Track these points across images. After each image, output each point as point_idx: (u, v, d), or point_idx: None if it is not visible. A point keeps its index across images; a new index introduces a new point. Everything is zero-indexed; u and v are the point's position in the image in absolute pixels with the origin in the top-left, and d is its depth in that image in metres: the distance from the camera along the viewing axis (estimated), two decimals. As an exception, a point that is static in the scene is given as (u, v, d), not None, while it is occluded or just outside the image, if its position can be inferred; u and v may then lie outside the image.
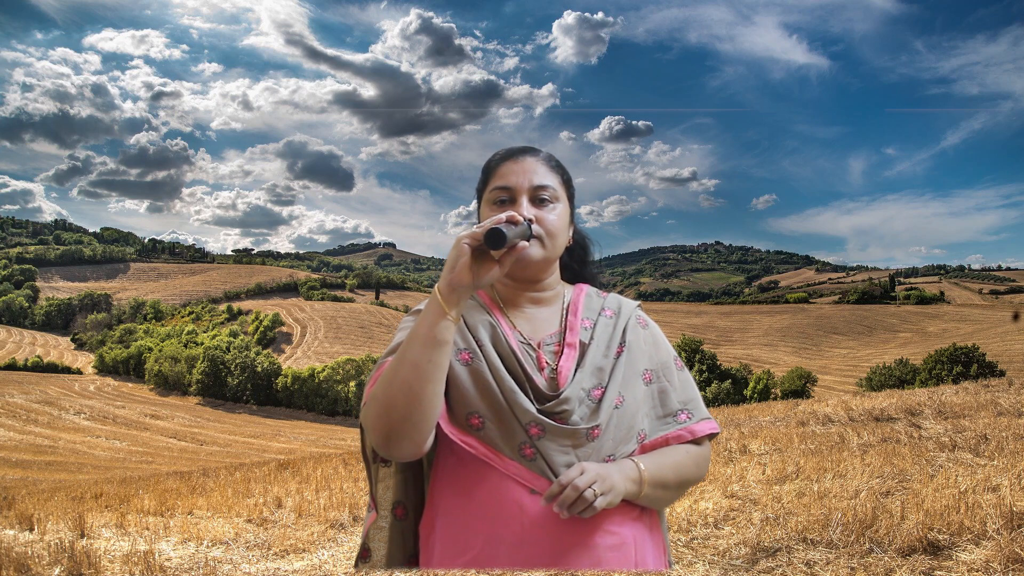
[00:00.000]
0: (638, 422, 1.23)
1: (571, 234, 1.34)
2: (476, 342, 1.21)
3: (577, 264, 1.41)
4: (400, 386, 1.08)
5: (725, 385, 49.48)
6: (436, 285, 1.11)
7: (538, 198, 1.25)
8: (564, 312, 1.30)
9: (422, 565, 1.23)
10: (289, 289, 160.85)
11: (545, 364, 1.22)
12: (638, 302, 1.36)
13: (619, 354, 1.25)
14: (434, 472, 1.24)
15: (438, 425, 1.15)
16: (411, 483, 1.29)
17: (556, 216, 1.25)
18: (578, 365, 1.22)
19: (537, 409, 1.16)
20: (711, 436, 1.31)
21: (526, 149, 1.31)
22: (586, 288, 1.36)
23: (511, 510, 1.14)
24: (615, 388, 1.21)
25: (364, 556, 1.27)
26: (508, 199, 1.25)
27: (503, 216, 1.11)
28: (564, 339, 1.26)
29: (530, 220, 1.20)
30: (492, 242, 1.07)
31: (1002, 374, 30.88)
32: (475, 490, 1.17)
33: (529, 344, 1.24)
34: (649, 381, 1.28)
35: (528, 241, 1.17)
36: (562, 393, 1.17)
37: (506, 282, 1.30)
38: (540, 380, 1.19)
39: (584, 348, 1.24)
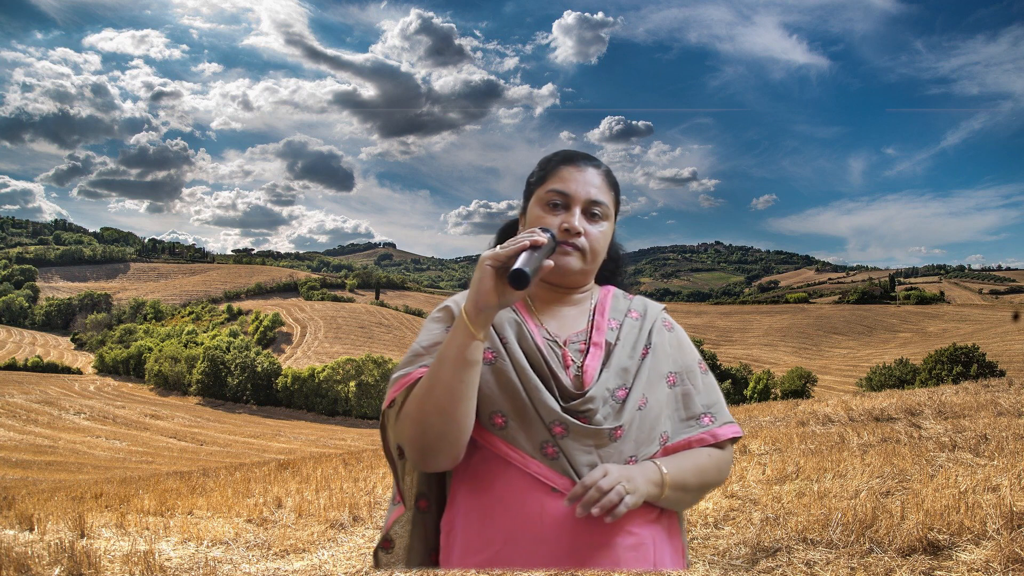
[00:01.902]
0: (661, 424, 1.23)
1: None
2: (501, 340, 1.22)
3: (607, 273, 1.42)
4: (434, 407, 1.11)
5: (725, 385, 49.51)
6: (463, 306, 1.13)
7: (591, 212, 1.26)
8: (591, 312, 1.30)
9: (442, 561, 1.24)
10: (289, 289, 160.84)
11: (571, 362, 1.22)
12: (663, 305, 1.36)
13: (644, 355, 1.25)
14: (456, 469, 1.24)
15: None
16: (433, 476, 1.30)
17: (602, 233, 1.27)
18: (604, 365, 1.22)
19: (561, 407, 1.17)
20: (734, 440, 1.31)
21: (589, 158, 1.31)
22: (613, 289, 1.37)
23: (532, 509, 1.14)
24: (639, 389, 1.21)
25: (386, 547, 1.29)
26: (563, 204, 1.26)
27: (526, 242, 1.11)
28: (590, 338, 1.26)
29: (554, 233, 1.20)
30: (516, 283, 1.07)
31: (1002, 374, 30.87)
32: (497, 488, 1.17)
33: (555, 341, 1.25)
34: (673, 384, 1.28)
35: (552, 256, 1.17)
36: (587, 392, 1.18)
37: (540, 283, 1.30)
38: (565, 378, 1.20)
39: (610, 348, 1.24)
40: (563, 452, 1.15)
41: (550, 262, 1.13)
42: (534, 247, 1.11)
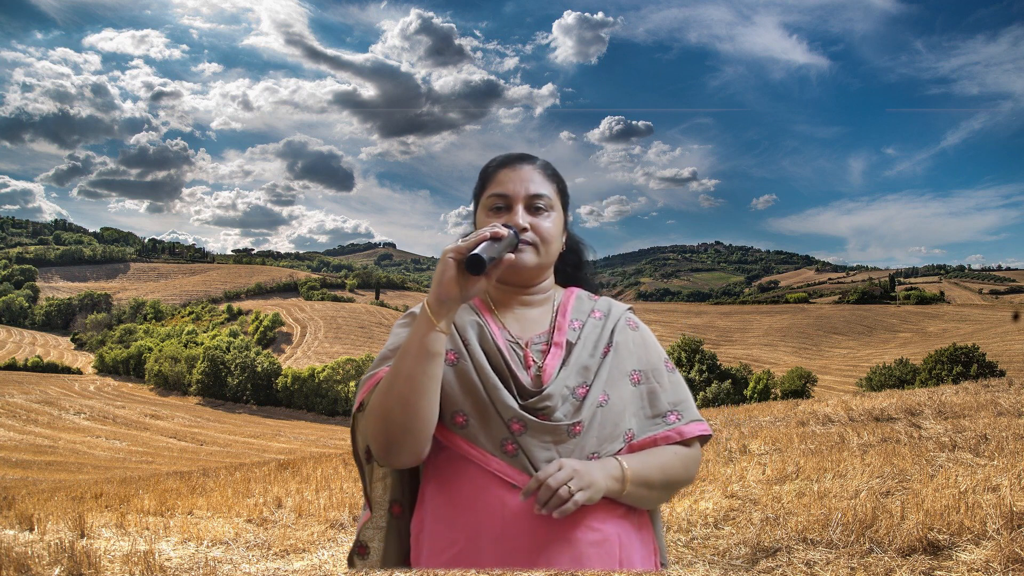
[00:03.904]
0: (625, 421, 1.24)
1: (564, 240, 1.37)
2: (463, 342, 1.23)
3: (571, 268, 1.44)
4: (396, 399, 1.12)
5: (725, 385, 49.41)
6: (425, 299, 1.14)
7: (533, 206, 1.28)
8: (554, 313, 1.32)
9: (412, 561, 1.26)
10: (289, 289, 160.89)
11: (532, 363, 1.24)
12: (629, 305, 1.38)
13: (606, 354, 1.27)
14: (425, 470, 1.26)
15: None
16: (407, 481, 1.31)
17: (550, 224, 1.29)
18: (563, 363, 1.24)
19: (519, 405, 1.18)
20: (702, 438, 1.32)
21: (523, 157, 1.34)
22: (577, 291, 1.39)
23: (493, 506, 1.16)
24: (599, 386, 1.23)
25: (361, 553, 1.30)
26: (504, 206, 1.28)
27: (487, 232, 1.14)
28: (552, 339, 1.28)
29: (516, 230, 1.23)
30: (472, 268, 1.10)
31: (1002, 374, 30.88)
32: (460, 487, 1.19)
33: (517, 343, 1.26)
34: (637, 382, 1.29)
35: (514, 252, 1.20)
36: (545, 389, 1.19)
37: (498, 285, 1.32)
38: (525, 377, 1.21)
39: (571, 347, 1.26)
40: (522, 449, 1.16)
41: (511, 256, 1.16)
42: (494, 239, 1.14)
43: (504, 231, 1.16)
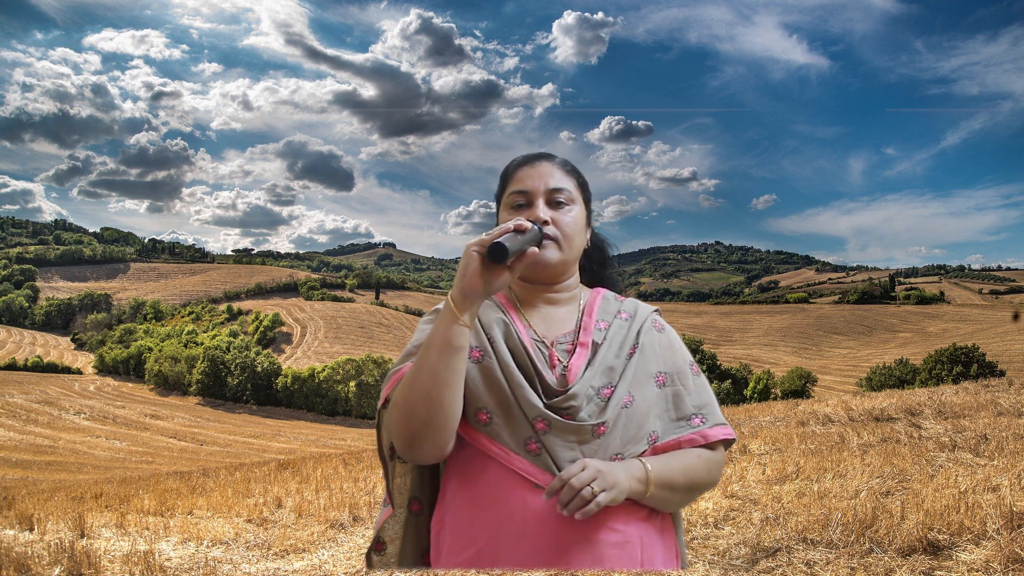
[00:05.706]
0: (649, 423, 1.23)
1: (588, 236, 1.37)
2: (488, 340, 1.23)
3: (596, 266, 1.43)
4: (420, 393, 1.11)
5: (725, 385, 49.46)
6: (449, 293, 1.13)
7: (554, 201, 1.28)
8: (580, 313, 1.31)
9: (432, 559, 1.25)
10: (289, 289, 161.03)
11: (557, 362, 1.23)
12: (656, 307, 1.37)
13: (631, 355, 1.26)
14: (446, 468, 1.26)
15: None
16: (427, 479, 1.31)
17: (572, 218, 1.29)
18: (589, 363, 1.23)
19: (544, 404, 1.17)
20: (726, 442, 1.30)
21: (542, 155, 1.34)
22: (604, 291, 1.38)
23: (515, 505, 1.15)
24: (625, 387, 1.22)
25: (379, 549, 1.29)
26: (525, 203, 1.28)
27: (511, 225, 1.14)
28: (577, 339, 1.27)
29: (540, 224, 1.23)
30: (494, 256, 1.09)
31: (1002, 374, 30.87)
32: (481, 485, 1.18)
33: (542, 342, 1.26)
34: (663, 384, 1.28)
35: (539, 246, 1.19)
36: (570, 389, 1.18)
37: (524, 283, 1.32)
38: (550, 376, 1.20)
39: (596, 347, 1.25)
40: (546, 448, 1.16)
41: (535, 249, 1.15)
42: (518, 231, 1.14)
43: (528, 224, 1.16)
